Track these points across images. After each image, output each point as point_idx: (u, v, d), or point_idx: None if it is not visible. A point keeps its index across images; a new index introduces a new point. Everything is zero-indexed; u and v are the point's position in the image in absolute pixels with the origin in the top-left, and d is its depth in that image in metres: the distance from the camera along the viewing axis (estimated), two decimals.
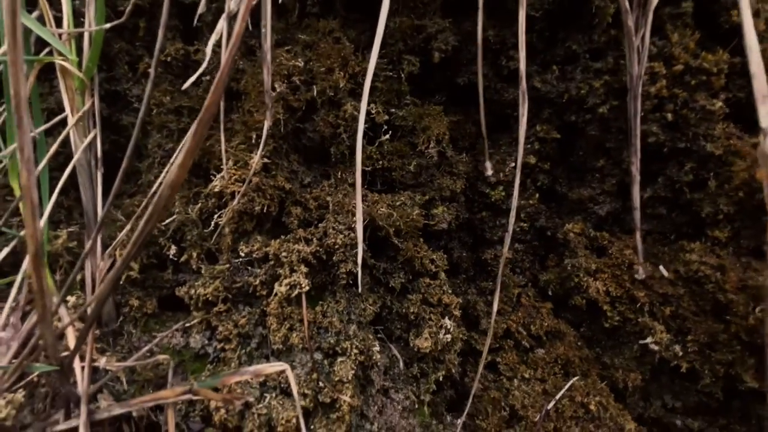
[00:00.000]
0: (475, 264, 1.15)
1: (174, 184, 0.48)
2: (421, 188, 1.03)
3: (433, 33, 0.96)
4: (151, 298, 0.84)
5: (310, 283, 0.73)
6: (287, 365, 0.57)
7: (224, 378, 0.56)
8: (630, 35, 0.70)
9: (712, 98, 0.83)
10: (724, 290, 0.81)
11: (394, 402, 0.87)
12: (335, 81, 0.90)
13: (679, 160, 0.91)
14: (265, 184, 0.83)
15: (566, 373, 0.98)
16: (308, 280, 0.73)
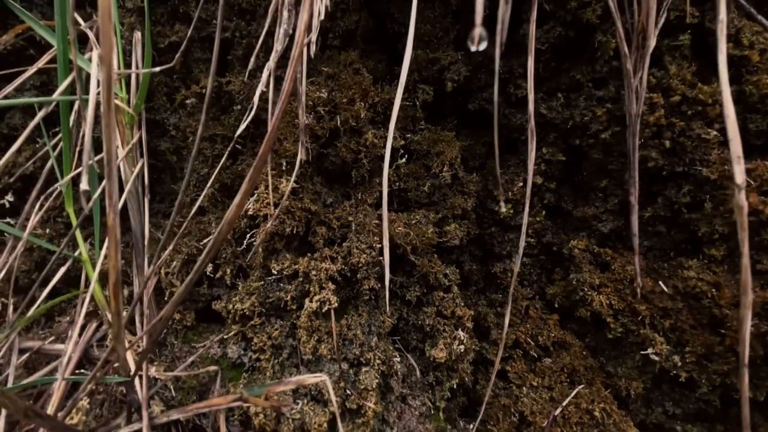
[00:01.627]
0: (485, 277, 1.22)
1: (231, 221, 0.56)
2: (435, 207, 1.11)
3: (446, 65, 1.04)
4: (189, 312, 0.91)
5: (338, 300, 0.80)
6: (326, 376, 0.64)
7: (270, 387, 0.64)
8: (628, 77, 0.77)
9: (708, 127, 0.89)
10: (720, 305, 0.88)
11: (412, 408, 0.94)
12: (356, 111, 0.97)
13: (677, 183, 0.97)
14: (294, 207, 0.91)
15: (572, 382, 1.04)
16: (336, 296, 0.81)
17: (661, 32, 0.99)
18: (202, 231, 0.93)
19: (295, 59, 0.54)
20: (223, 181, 0.98)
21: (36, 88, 0.99)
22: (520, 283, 1.19)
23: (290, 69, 0.54)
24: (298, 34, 0.54)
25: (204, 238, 0.92)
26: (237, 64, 1.05)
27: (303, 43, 0.54)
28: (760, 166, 0.87)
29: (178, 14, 0.99)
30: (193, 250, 0.90)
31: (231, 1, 1.04)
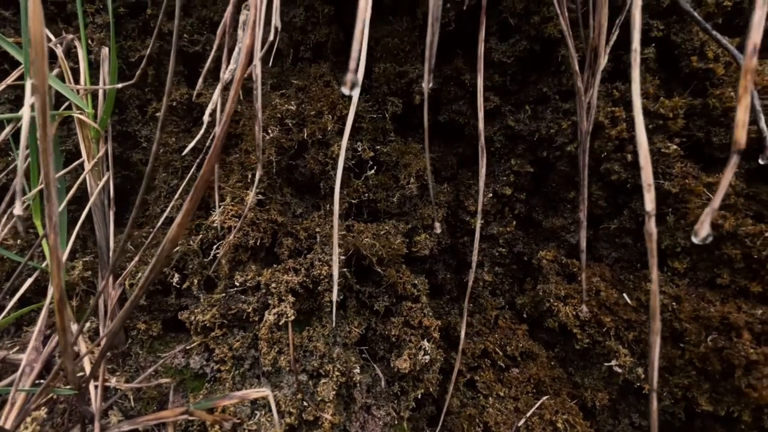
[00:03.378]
0: (459, 286, 1.23)
1: (174, 239, 0.57)
2: (405, 217, 1.11)
3: (414, 78, 1.05)
4: (156, 322, 0.93)
5: (295, 312, 0.81)
6: (269, 391, 0.65)
7: (216, 401, 0.65)
8: (580, 94, 0.78)
9: (669, 141, 0.90)
10: (680, 319, 0.88)
11: (376, 418, 0.94)
12: (324, 123, 0.99)
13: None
14: (259, 218, 0.92)
15: (539, 392, 1.05)
16: (294, 309, 0.82)
17: (626, 46, 0.99)
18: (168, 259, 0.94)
19: (236, 85, 0.55)
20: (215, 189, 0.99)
21: (11, 102, 1.01)
22: (491, 292, 1.20)
23: (232, 92, 0.56)
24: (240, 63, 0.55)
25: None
26: (208, 76, 1.06)
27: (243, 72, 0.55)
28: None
29: (148, 28, 1.01)
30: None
31: (203, 16, 1.05)
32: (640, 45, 0.54)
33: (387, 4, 1.03)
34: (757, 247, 0.81)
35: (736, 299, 0.85)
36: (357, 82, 0.40)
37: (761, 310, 0.81)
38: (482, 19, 0.72)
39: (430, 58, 0.55)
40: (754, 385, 0.77)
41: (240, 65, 0.56)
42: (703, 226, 0.42)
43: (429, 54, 0.54)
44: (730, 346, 0.80)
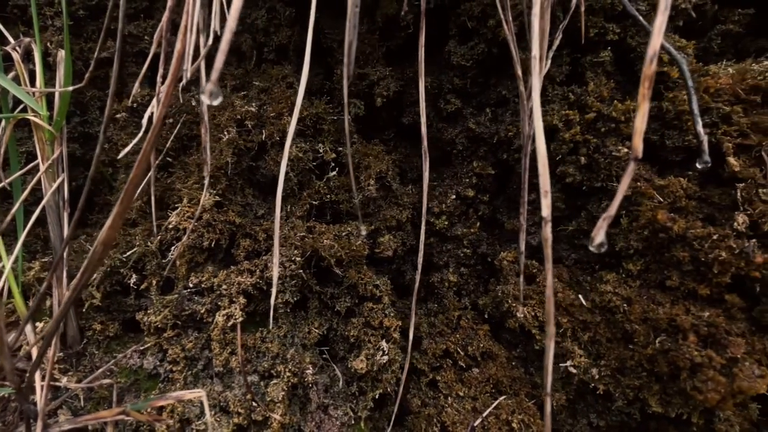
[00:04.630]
0: (426, 286, 1.24)
1: (106, 242, 0.57)
2: (369, 219, 1.12)
3: (375, 80, 1.05)
4: (114, 322, 0.93)
5: (244, 314, 0.82)
6: (203, 392, 0.66)
7: (152, 402, 0.66)
8: (522, 99, 0.79)
9: (620, 144, 0.91)
10: (630, 321, 0.89)
11: (333, 418, 0.95)
12: (283, 125, 0.99)
13: (598, 197, 0.98)
14: (216, 220, 0.93)
15: (498, 392, 1.06)
16: (245, 311, 0.82)
17: (583, 48, 1.00)
18: (129, 243, 0.95)
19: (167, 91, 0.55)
20: (152, 194, 0.99)
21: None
22: (456, 293, 1.20)
23: (162, 97, 0.56)
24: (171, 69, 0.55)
25: (129, 250, 0.94)
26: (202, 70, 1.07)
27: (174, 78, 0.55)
28: (672, 182, 0.88)
29: (109, 30, 1.01)
30: (116, 263, 0.92)
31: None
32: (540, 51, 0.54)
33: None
34: (704, 250, 0.82)
35: (685, 301, 0.86)
36: (217, 93, 0.40)
37: (708, 312, 0.81)
38: (421, 25, 0.73)
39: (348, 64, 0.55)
40: (699, 388, 0.78)
41: (171, 71, 0.56)
42: (599, 233, 0.43)
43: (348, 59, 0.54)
44: (676, 348, 0.80)
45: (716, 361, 0.76)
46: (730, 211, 0.85)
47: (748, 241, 0.80)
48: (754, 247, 0.79)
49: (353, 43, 0.52)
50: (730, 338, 0.77)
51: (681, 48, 0.95)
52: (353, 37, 0.51)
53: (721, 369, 0.76)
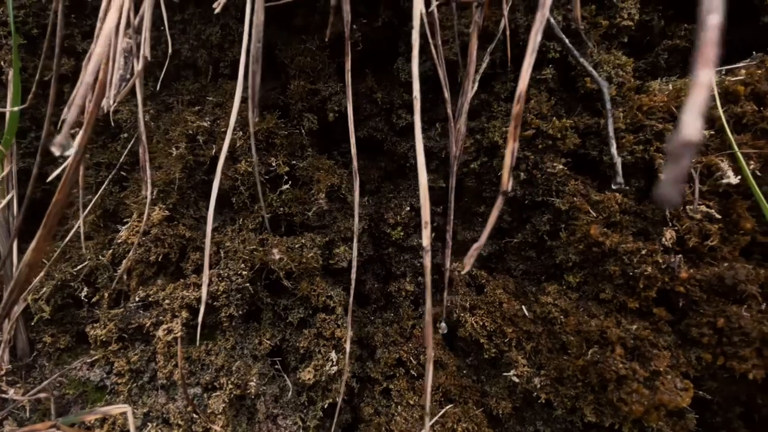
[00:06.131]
0: (385, 295, 1.26)
1: (31, 264, 0.59)
2: (324, 230, 1.14)
3: (327, 95, 1.07)
4: (65, 334, 0.95)
5: (183, 329, 0.84)
6: (128, 407, 0.68)
7: (81, 416, 0.68)
8: (450, 121, 0.81)
9: (557, 161, 0.93)
10: (566, 332, 0.91)
11: (281, 428, 0.98)
12: (233, 140, 1.01)
13: (541, 210, 1.01)
14: (165, 234, 0.95)
15: (447, 400, 1.08)
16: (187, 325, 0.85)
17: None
18: (81, 257, 0.97)
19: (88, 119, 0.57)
20: (106, 208, 1.02)
21: None
22: (413, 302, 1.23)
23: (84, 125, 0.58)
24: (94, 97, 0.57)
25: (81, 263, 0.96)
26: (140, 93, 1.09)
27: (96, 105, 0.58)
28: (608, 197, 0.91)
29: (64, 48, 1.03)
30: (66, 276, 0.94)
31: None
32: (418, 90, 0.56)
33: (297, 24, 1.05)
34: (633, 265, 0.84)
35: (618, 314, 0.89)
36: (67, 145, 0.42)
37: (636, 325, 0.84)
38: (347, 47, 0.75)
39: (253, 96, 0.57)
40: (624, 399, 0.81)
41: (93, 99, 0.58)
42: (469, 261, 0.45)
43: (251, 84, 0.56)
44: (604, 360, 0.83)
45: (640, 374, 0.79)
46: (662, 226, 0.88)
47: (674, 256, 0.82)
48: (680, 263, 0.81)
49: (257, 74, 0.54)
50: (654, 351, 0.80)
51: (620, 65, 0.97)
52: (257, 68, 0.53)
53: (645, 381, 0.79)
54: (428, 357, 0.50)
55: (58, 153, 0.42)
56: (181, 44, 1.09)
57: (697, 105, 0.20)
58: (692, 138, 0.20)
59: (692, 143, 0.20)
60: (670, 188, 0.19)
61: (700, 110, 0.20)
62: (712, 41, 0.21)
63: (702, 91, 0.20)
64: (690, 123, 0.20)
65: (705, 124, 0.90)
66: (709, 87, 0.21)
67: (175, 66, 1.13)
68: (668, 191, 0.19)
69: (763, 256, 0.84)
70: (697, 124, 0.20)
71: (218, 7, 0.61)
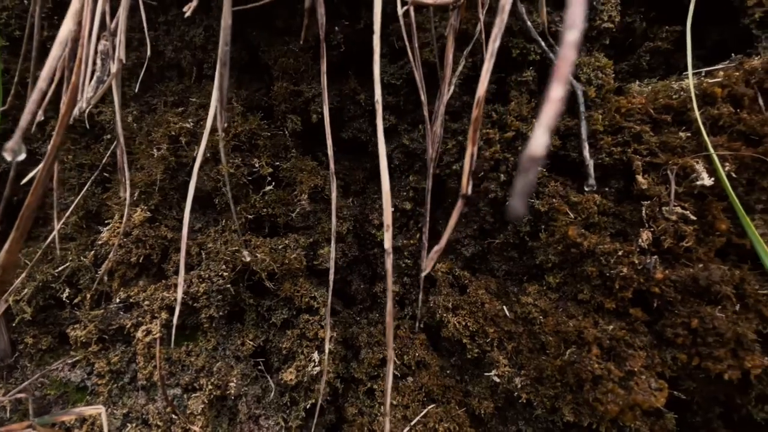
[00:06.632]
0: (371, 296, 1.26)
1: (5, 266, 0.60)
2: (309, 231, 1.15)
3: (310, 97, 1.08)
4: (47, 335, 0.96)
5: (163, 330, 0.85)
6: (102, 408, 0.69)
7: (56, 417, 0.68)
8: (426, 123, 0.82)
9: None
10: (545, 332, 0.92)
11: (263, 428, 0.98)
12: (215, 141, 1.01)
13: None
14: (147, 235, 0.95)
15: (430, 400, 1.09)
16: (167, 326, 0.85)
17: (508, 68, 1.03)
18: (63, 258, 0.97)
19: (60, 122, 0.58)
20: (88, 209, 1.02)
21: None
22: (399, 302, 1.23)
23: (57, 128, 0.59)
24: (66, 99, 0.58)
25: (62, 264, 0.96)
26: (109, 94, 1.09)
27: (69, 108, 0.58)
28: (587, 199, 0.92)
29: (46, 50, 1.03)
30: (48, 277, 0.94)
31: None
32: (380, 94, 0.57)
33: (280, 26, 1.06)
34: (610, 265, 0.85)
35: (595, 314, 0.89)
36: (19, 150, 0.43)
37: (613, 325, 0.85)
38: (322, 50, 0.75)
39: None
40: (600, 399, 0.81)
41: (66, 102, 0.59)
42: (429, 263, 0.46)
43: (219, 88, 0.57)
44: (580, 360, 0.84)
45: (615, 374, 0.79)
46: (639, 227, 0.88)
47: (650, 257, 0.83)
48: (656, 263, 0.82)
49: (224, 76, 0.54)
50: (630, 351, 0.80)
51: (600, 67, 0.98)
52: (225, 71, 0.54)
53: (620, 381, 0.80)
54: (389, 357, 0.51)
55: (9, 158, 0.43)
56: (165, 45, 1.10)
57: (546, 120, 0.21)
58: (538, 153, 0.20)
59: (538, 158, 0.20)
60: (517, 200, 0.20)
61: (550, 126, 0.20)
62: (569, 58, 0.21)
63: (553, 107, 0.21)
64: (538, 138, 0.20)
65: (682, 125, 0.91)
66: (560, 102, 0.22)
67: (159, 67, 1.13)
68: (515, 203, 0.20)
69: (738, 258, 0.84)
70: (545, 140, 0.20)
71: (188, 11, 0.61)
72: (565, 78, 0.21)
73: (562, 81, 0.21)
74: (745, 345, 0.79)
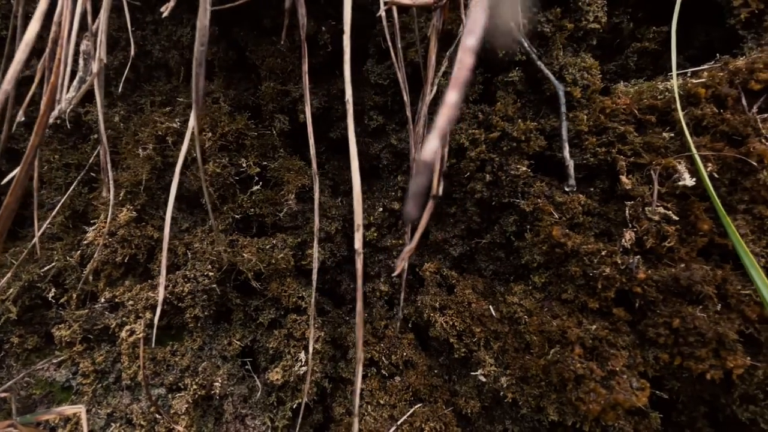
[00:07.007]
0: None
1: None
2: (297, 231, 1.15)
3: (297, 97, 1.08)
4: (33, 335, 0.96)
5: (147, 330, 0.85)
6: (82, 407, 0.69)
7: (38, 416, 0.68)
8: (409, 124, 0.82)
9: (520, 163, 0.94)
10: (529, 331, 0.92)
11: (249, 428, 0.98)
12: (202, 141, 1.02)
13: (508, 212, 1.02)
14: (132, 235, 0.95)
15: (417, 400, 1.09)
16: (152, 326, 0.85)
17: (495, 68, 1.03)
18: (49, 258, 0.97)
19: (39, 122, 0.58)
20: (75, 208, 1.02)
21: None
22: (387, 302, 1.23)
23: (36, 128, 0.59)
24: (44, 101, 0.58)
25: (48, 264, 0.96)
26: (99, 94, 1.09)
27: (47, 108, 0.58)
28: (572, 199, 0.92)
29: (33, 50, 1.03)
30: (34, 277, 0.94)
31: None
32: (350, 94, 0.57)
33: (267, 26, 1.06)
34: (593, 265, 0.85)
35: (579, 314, 0.90)
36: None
37: (596, 325, 0.85)
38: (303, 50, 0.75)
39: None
40: (582, 398, 0.82)
41: (44, 101, 0.59)
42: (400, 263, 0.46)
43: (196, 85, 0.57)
44: (563, 359, 0.84)
45: (597, 374, 0.80)
46: (623, 228, 0.89)
47: (633, 257, 0.83)
48: (638, 263, 0.82)
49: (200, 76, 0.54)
50: (612, 351, 0.81)
51: (586, 68, 0.98)
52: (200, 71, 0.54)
53: (602, 381, 0.80)
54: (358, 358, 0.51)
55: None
56: (153, 45, 1.10)
57: (441, 125, 0.21)
58: (429, 158, 0.20)
59: (430, 162, 0.20)
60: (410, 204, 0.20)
61: (444, 130, 0.21)
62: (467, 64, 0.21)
63: (448, 112, 0.21)
64: (430, 143, 0.20)
65: (666, 126, 0.91)
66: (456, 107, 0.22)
67: (147, 67, 1.13)
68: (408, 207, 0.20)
69: (721, 258, 0.85)
70: (436, 145, 0.20)
71: (166, 11, 0.61)
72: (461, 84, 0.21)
73: (459, 87, 0.21)
74: (726, 345, 0.79)
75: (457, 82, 0.21)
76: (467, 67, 0.21)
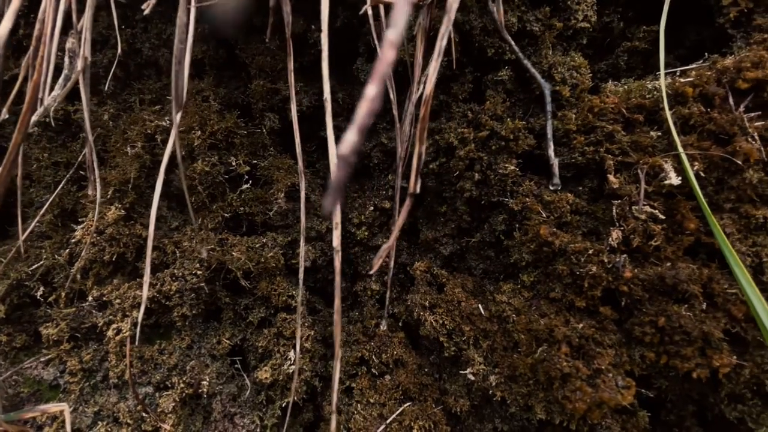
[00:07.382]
0: (352, 294, 1.27)
1: None
2: (287, 230, 1.15)
3: (287, 95, 1.08)
4: (22, 334, 0.96)
5: (133, 328, 0.85)
6: (66, 405, 0.69)
7: (21, 414, 0.68)
8: (395, 123, 0.82)
9: (508, 162, 0.94)
10: (518, 330, 0.92)
11: (238, 426, 0.98)
12: (191, 140, 1.01)
13: (497, 211, 1.02)
14: (121, 233, 0.95)
15: (407, 398, 1.09)
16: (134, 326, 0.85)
17: (485, 67, 1.03)
18: (37, 256, 0.97)
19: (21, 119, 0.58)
20: (64, 207, 1.02)
21: None
22: (379, 301, 1.24)
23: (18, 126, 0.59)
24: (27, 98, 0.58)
25: (37, 263, 0.96)
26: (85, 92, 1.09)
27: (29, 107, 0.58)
28: (560, 198, 0.92)
29: (22, 47, 1.03)
30: (22, 275, 0.94)
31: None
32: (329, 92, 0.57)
33: (256, 24, 1.05)
34: (580, 264, 0.85)
35: (567, 312, 0.90)
36: None
37: (583, 324, 0.85)
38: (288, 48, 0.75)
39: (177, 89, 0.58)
40: (568, 397, 0.82)
41: (27, 99, 0.58)
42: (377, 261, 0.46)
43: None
44: (550, 358, 0.84)
45: (583, 372, 0.80)
46: (610, 226, 0.89)
47: (620, 256, 0.83)
48: (625, 262, 0.82)
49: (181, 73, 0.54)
50: (598, 349, 0.81)
51: (575, 67, 0.98)
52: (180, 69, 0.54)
53: (588, 379, 0.80)
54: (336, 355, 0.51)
55: None
56: (142, 43, 1.09)
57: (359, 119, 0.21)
58: (346, 153, 0.20)
59: (348, 157, 0.20)
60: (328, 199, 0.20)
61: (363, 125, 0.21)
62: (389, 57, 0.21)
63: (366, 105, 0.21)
64: (348, 138, 0.21)
65: (654, 125, 0.91)
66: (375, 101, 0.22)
67: (137, 65, 1.13)
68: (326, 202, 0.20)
69: (707, 256, 0.85)
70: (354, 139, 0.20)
71: (147, 9, 0.61)
72: (382, 77, 0.21)
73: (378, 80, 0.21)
74: (712, 344, 0.80)
75: (377, 76, 0.21)
76: (388, 61, 0.22)
